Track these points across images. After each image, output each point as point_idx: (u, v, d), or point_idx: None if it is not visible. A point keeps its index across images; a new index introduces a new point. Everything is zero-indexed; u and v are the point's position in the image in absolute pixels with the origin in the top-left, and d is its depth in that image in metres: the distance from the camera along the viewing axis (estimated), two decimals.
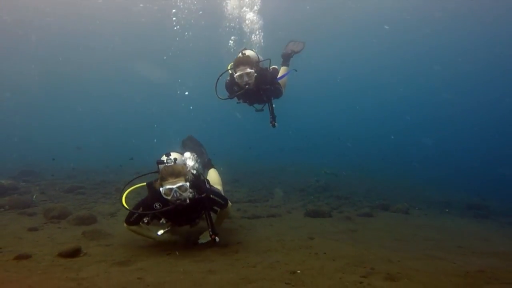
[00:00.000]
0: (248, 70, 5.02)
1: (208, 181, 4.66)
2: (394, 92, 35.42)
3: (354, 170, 14.84)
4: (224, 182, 5.82)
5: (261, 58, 5.57)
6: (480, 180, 15.16)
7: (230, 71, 5.39)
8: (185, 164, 4.20)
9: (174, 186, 3.75)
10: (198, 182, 4.17)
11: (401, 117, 34.04)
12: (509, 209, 9.91)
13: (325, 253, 3.94)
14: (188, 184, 3.84)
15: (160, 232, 4.06)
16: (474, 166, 19.80)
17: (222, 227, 4.95)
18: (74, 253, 3.79)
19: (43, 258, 3.69)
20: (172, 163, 3.95)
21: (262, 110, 5.85)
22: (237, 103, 5.64)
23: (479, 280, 3.08)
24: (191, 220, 4.35)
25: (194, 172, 4.25)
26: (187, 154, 4.59)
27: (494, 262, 4.18)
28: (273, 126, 5.66)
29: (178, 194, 3.77)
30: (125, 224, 4.17)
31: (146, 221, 4.08)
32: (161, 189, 3.79)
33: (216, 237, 4.04)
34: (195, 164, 4.48)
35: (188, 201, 3.85)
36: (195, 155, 4.76)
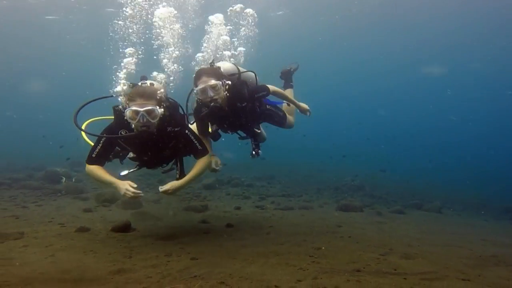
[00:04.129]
0: (213, 82, 3.76)
1: (188, 119, 4.05)
2: (439, 91, 34.08)
3: (392, 171, 14.69)
4: (260, 178, 5.96)
5: (241, 69, 4.37)
6: None
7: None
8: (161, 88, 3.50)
9: (142, 109, 3.19)
10: (175, 113, 3.60)
11: (445, 117, 32.76)
12: None
13: (350, 237, 4.20)
14: (160, 110, 3.28)
15: (124, 172, 3.65)
16: None
17: (255, 215, 5.27)
18: (125, 228, 4.30)
19: (100, 231, 4.24)
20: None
21: (247, 137, 4.70)
22: (215, 131, 4.32)
23: (488, 262, 3.21)
24: (161, 159, 3.80)
25: (172, 101, 3.72)
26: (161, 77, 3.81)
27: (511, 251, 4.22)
28: (255, 155, 4.64)
29: (144, 120, 3.23)
30: (86, 165, 3.55)
31: (110, 156, 3.60)
32: (126, 110, 3.24)
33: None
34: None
35: (155, 131, 3.34)
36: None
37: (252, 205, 7.08)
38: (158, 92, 3.34)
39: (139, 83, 3.45)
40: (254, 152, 4.60)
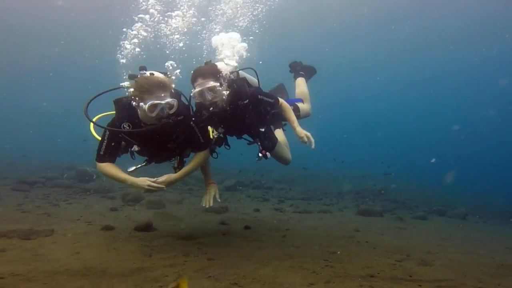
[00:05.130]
0: (211, 83, 3.46)
1: (191, 107, 3.75)
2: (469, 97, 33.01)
3: (415, 176, 14.33)
4: (280, 181, 5.96)
5: (238, 69, 4.03)
6: None
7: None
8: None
9: (163, 102, 3.04)
10: (178, 102, 3.30)
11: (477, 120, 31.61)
12: None
13: (367, 242, 4.18)
14: (175, 101, 3.15)
15: (132, 168, 3.55)
16: None
17: (273, 217, 5.35)
18: (147, 228, 4.48)
19: (123, 230, 4.43)
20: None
21: (255, 142, 4.15)
22: (219, 135, 4.00)
23: (510, 271, 3.11)
24: (170, 153, 3.64)
25: (175, 89, 3.47)
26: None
27: None
28: (261, 158, 4.12)
29: (164, 112, 3.09)
30: (96, 163, 3.41)
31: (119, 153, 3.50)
32: (142, 104, 3.02)
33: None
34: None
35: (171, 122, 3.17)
36: None
37: (271, 208, 7.14)
38: (171, 83, 3.24)
39: (142, 73, 3.18)
40: (260, 154, 4.08)
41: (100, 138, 3.39)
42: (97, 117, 3.78)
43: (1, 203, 5.97)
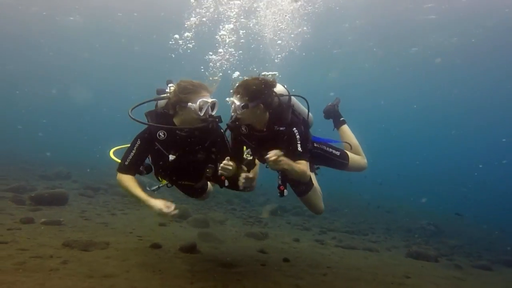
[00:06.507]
0: (243, 103, 3.22)
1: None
2: None
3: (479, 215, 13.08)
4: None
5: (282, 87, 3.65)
6: None
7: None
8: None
9: (210, 100, 3.20)
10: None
11: None
12: None
13: None
14: (217, 101, 3.30)
15: (154, 187, 3.62)
16: None
17: (313, 250, 5.22)
18: (191, 250, 4.68)
19: (169, 249, 4.66)
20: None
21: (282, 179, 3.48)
22: (252, 159, 3.64)
23: None
24: (196, 165, 3.40)
25: None
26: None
27: None
28: (281, 194, 3.47)
29: (209, 112, 3.21)
30: (117, 174, 3.28)
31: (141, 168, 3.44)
32: (190, 104, 3.11)
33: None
34: None
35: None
36: None
37: (311, 238, 7.01)
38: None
39: (170, 86, 3.32)
40: (279, 190, 3.44)
41: (117, 160, 3.40)
42: (119, 147, 3.84)
43: (70, 208, 6.65)
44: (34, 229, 4.64)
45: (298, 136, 3.38)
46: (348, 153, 4.16)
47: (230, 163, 3.14)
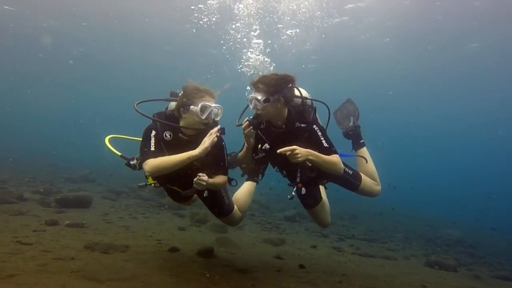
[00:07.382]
0: (263, 96, 3.27)
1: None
2: None
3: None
4: (341, 216, 5.58)
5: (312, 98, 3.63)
6: None
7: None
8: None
9: (213, 105, 3.28)
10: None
11: None
12: None
13: None
14: (221, 107, 3.35)
15: (141, 183, 3.68)
16: None
17: (330, 257, 5.22)
18: (208, 254, 4.78)
19: (186, 254, 4.78)
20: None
21: (294, 185, 3.42)
22: (260, 155, 3.60)
23: None
24: (191, 174, 3.24)
25: None
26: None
27: None
28: (298, 192, 3.45)
29: (212, 116, 3.29)
30: (145, 163, 3.18)
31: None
32: (193, 107, 3.20)
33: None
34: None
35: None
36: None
37: (329, 245, 7.00)
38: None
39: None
40: (296, 187, 3.38)
41: (116, 152, 3.59)
42: (109, 137, 3.78)
43: (93, 211, 6.92)
44: (58, 231, 4.88)
45: (320, 133, 3.41)
46: (363, 176, 4.01)
47: (205, 178, 3.07)
